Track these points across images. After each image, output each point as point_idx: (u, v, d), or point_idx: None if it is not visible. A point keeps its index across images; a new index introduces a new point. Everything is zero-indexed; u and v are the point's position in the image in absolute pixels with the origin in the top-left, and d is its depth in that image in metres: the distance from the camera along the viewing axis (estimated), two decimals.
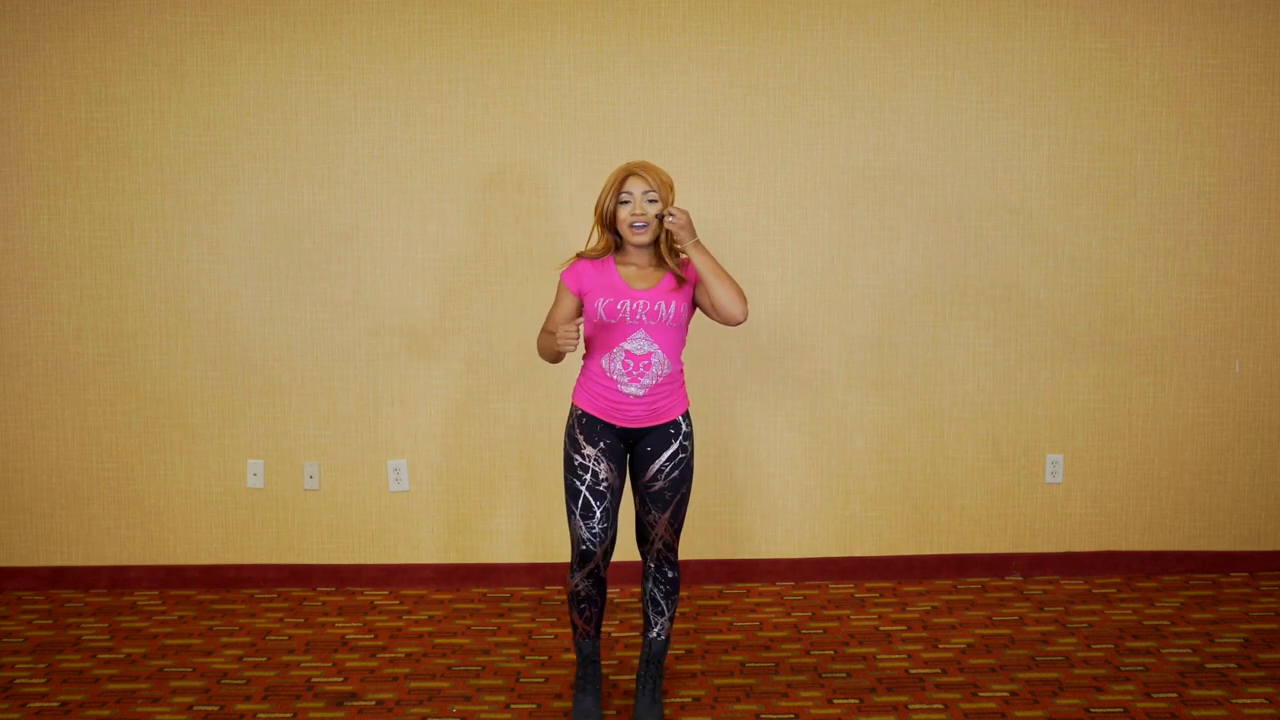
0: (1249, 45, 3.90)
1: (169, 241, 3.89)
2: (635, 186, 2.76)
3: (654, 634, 2.98)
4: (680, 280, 2.82)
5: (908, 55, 3.88)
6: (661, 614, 2.97)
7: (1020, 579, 4.03)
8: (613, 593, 3.94)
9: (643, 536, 2.94)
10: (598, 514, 2.80)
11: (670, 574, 2.96)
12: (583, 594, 2.90)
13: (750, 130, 3.88)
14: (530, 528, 3.99)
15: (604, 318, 2.76)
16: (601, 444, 2.82)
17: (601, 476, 2.81)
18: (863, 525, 4.03)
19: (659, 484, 2.86)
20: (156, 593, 3.97)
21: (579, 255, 2.87)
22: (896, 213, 3.92)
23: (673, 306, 2.78)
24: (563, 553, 4.00)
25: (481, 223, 3.89)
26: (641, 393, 2.80)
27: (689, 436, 2.89)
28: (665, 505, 2.87)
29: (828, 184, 3.91)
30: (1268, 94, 3.92)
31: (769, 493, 4.01)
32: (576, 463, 2.82)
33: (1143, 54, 3.90)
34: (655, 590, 2.96)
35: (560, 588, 3.99)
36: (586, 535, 2.81)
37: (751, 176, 3.89)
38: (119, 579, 4.00)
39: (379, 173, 3.87)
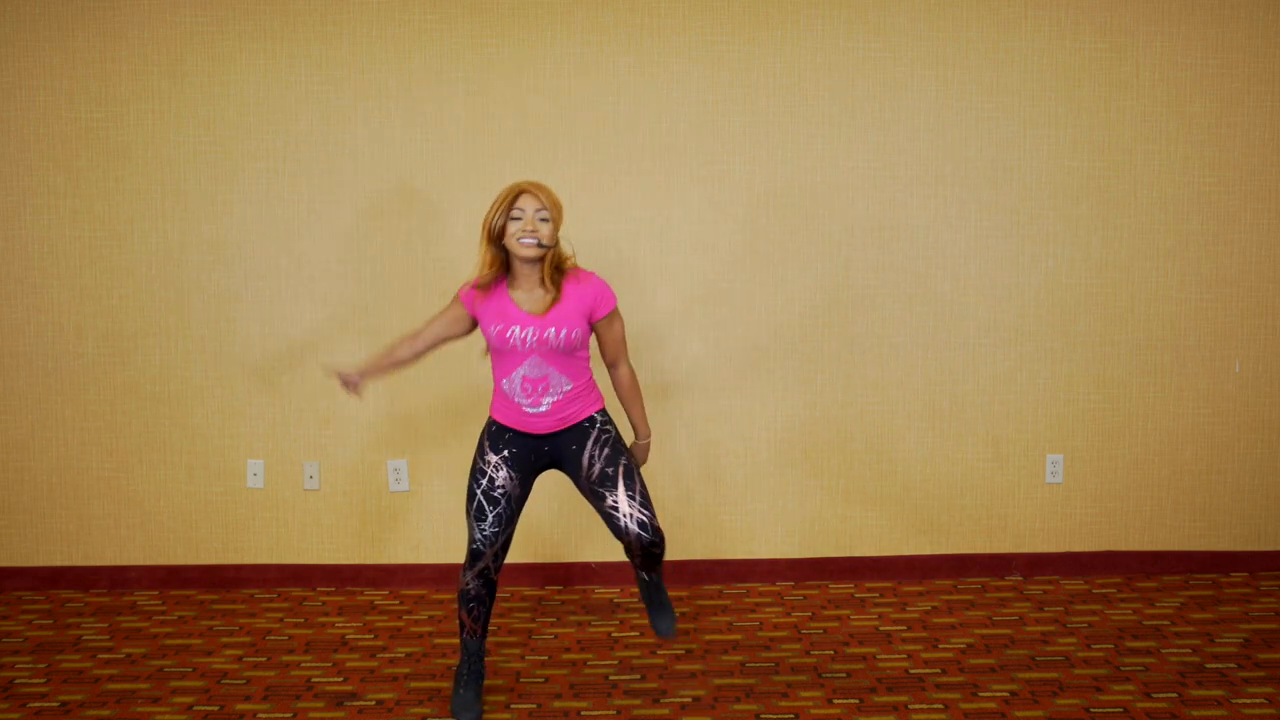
0: (1249, 45, 3.90)
1: (169, 241, 3.89)
2: (528, 204, 2.80)
3: (651, 577, 3.02)
4: (556, 299, 2.83)
5: (908, 55, 3.88)
6: (655, 570, 2.99)
7: (1020, 579, 4.03)
8: (612, 592, 3.94)
9: (619, 531, 2.81)
10: (489, 518, 2.87)
11: (657, 551, 2.87)
12: (472, 593, 2.94)
13: (750, 130, 3.88)
14: (530, 528, 3.98)
15: (495, 344, 2.84)
16: (506, 451, 2.89)
17: (498, 483, 2.88)
18: (863, 525, 4.03)
19: (597, 465, 2.85)
20: (156, 593, 3.97)
21: (477, 284, 2.89)
22: (897, 213, 3.92)
23: (562, 333, 2.80)
24: (562, 553, 4.00)
25: (481, 222, 3.88)
26: (545, 409, 2.86)
27: (606, 424, 2.92)
28: (613, 480, 2.82)
29: (828, 184, 3.90)
30: (1268, 94, 3.92)
31: (769, 493, 4.01)
32: (476, 467, 2.91)
33: (1143, 54, 3.90)
34: (643, 571, 2.99)
35: (560, 588, 3.99)
36: (478, 535, 2.88)
37: (751, 176, 3.89)
38: (119, 579, 3.99)
39: (379, 173, 3.87)
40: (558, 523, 3.99)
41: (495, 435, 2.91)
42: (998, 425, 4.01)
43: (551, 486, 3.94)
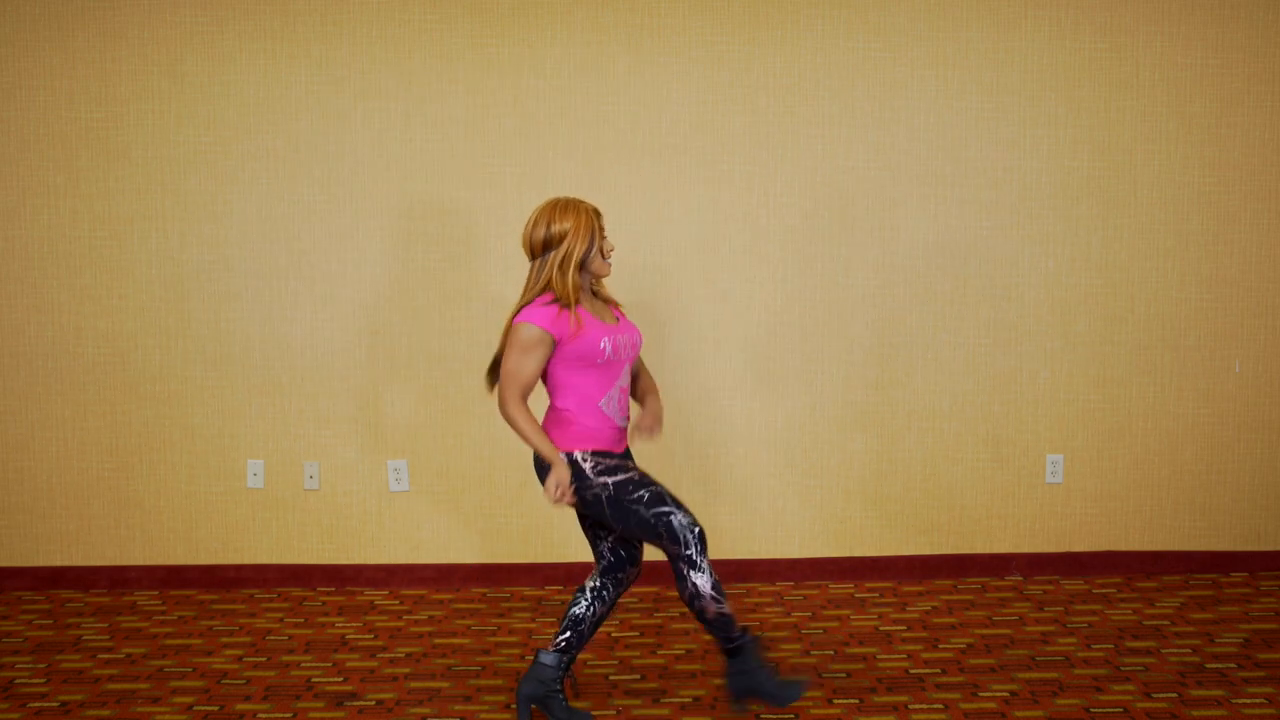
0: (1249, 45, 3.90)
1: (169, 241, 3.89)
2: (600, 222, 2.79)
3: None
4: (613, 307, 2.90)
5: (908, 56, 3.88)
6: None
7: (1020, 579, 4.03)
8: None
9: (633, 557, 2.91)
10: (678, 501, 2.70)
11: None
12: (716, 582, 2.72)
13: (750, 130, 3.88)
14: (530, 527, 3.99)
15: (605, 357, 2.70)
16: (626, 459, 2.80)
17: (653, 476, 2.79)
18: (863, 525, 4.03)
19: None
20: (156, 593, 3.97)
21: (529, 304, 2.68)
22: (896, 213, 3.92)
23: (639, 337, 2.87)
24: (563, 552, 3.99)
25: (482, 222, 3.89)
26: (626, 424, 2.85)
27: None
28: None
29: (828, 184, 3.91)
30: (1268, 94, 3.92)
31: (769, 493, 4.01)
32: (632, 478, 2.70)
33: (1143, 54, 3.90)
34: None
35: (560, 587, 3.99)
36: (690, 519, 2.65)
37: (751, 176, 3.90)
38: (119, 579, 3.99)
39: (379, 173, 3.87)
40: (558, 523, 3.99)
41: (604, 455, 2.72)
42: (998, 425, 4.01)
43: None
